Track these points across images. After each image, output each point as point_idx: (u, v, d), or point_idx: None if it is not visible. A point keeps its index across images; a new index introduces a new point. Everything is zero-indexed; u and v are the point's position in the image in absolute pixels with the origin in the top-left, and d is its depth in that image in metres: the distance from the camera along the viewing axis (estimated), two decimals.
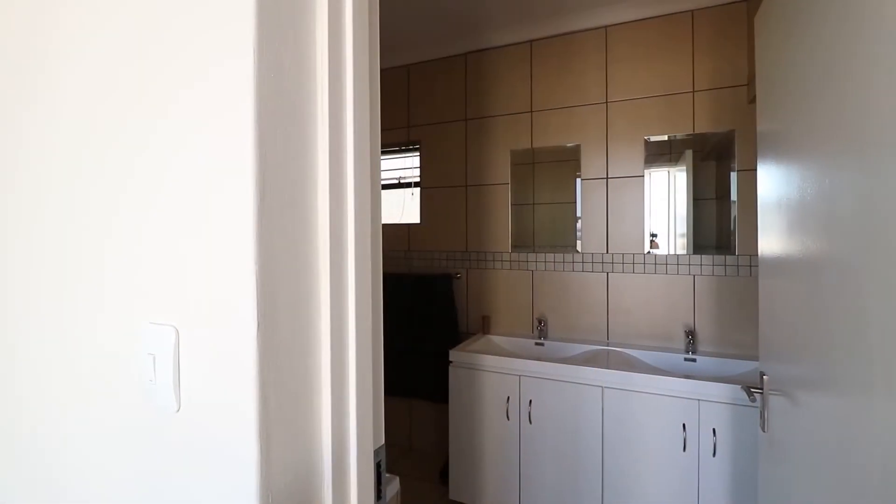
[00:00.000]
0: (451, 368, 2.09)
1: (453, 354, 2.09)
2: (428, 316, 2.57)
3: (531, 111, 2.37)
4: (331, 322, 0.63)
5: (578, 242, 2.28)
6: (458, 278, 2.55)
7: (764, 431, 1.11)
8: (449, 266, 2.59)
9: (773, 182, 1.08)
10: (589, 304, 2.25)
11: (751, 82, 1.94)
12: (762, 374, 1.11)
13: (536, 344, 2.26)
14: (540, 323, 2.29)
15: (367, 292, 0.68)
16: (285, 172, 0.58)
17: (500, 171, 2.44)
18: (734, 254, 2.01)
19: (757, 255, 1.99)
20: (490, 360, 1.99)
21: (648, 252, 2.14)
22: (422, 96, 2.66)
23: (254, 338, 0.53)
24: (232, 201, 0.55)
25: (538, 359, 2.00)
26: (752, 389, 1.10)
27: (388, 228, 2.79)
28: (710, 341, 2.04)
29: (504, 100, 2.43)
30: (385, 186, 2.96)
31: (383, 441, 0.75)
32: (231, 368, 0.55)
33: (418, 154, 2.69)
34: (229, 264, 0.55)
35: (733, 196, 2.02)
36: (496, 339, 2.36)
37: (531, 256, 2.37)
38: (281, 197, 0.57)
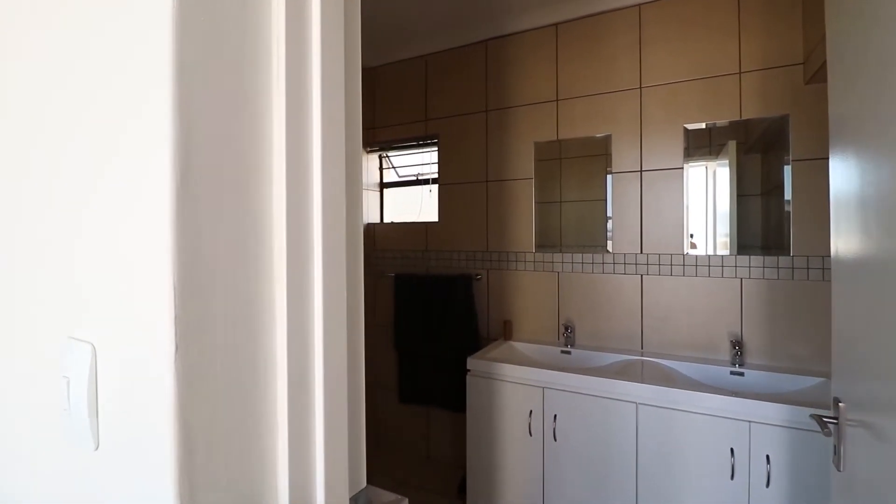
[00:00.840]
0: (468, 377, 1.94)
1: (471, 362, 1.94)
2: (446, 319, 2.43)
3: (556, 100, 2.19)
4: (288, 343, 0.49)
5: (609, 242, 2.08)
6: (479, 280, 2.40)
7: (840, 470, 0.91)
8: (468, 267, 2.44)
9: (851, 172, 0.88)
10: (621, 309, 2.05)
11: (808, 59, 1.71)
12: (837, 400, 0.92)
13: (563, 352, 2.08)
14: (566, 329, 2.11)
15: (340, 304, 0.55)
16: (225, 150, 0.45)
17: (524, 165, 2.27)
18: (788, 254, 1.78)
19: (816, 255, 1.78)
20: (510, 370, 1.83)
21: (688, 253, 1.93)
22: (440, 88, 2.52)
23: (171, 363, 0.40)
24: (145, 176, 0.42)
25: (564, 368, 1.83)
26: (826, 419, 0.91)
27: (405, 227, 2.67)
28: (759, 353, 1.82)
29: (527, 88, 2.27)
30: (402, 183, 2.84)
31: (364, 483, 0.61)
32: (148, 400, 0.43)
33: (436, 149, 2.56)
34: (143, 264, 0.43)
35: (787, 190, 1.79)
36: (519, 346, 2.19)
37: (557, 257, 2.19)
38: (217, 181, 0.44)
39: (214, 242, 0.44)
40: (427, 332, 2.50)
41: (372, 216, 2.82)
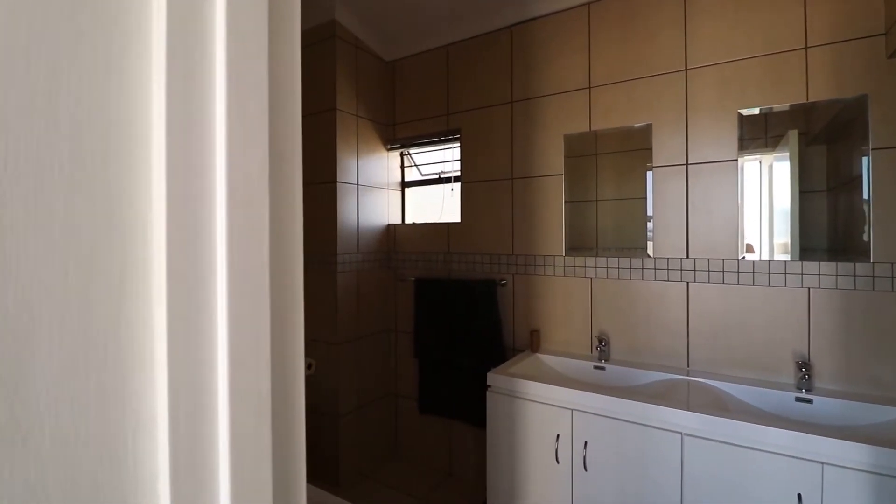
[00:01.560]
0: (489, 394, 1.77)
1: (492, 378, 1.76)
2: (469, 327, 2.27)
3: (589, 87, 1.98)
4: (169, 383, 0.35)
5: (650, 245, 1.86)
6: (503, 285, 2.22)
7: None
8: (492, 271, 2.27)
9: None
10: (663, 321, 1.82)
11: (891, 30, 1.43)
12: None
13: (596, 367, 1.87)
14: (600, 342, 1.90)
15: (259, 327, 0.40)
16: (53, 81, 0.31)
17: (552, 160, 2.08)
18: (867, 260, 1.50)
19: None
20: (535, 389, 1.64)
21: (743, 258, 1.68)
22: (462, 79, 2.36)
23: None
24: None
25: (597, 387, 1.62)
26: None
27: (425, 229, 2.52)
28: (831, 376, 1.55)
29: (556, 76, 2.07)
30: (423, 182, 2.69)
31: None
32: None
33: (459, 144, 2.40)
34: None
35: (865, 185, 1.51)
36: (546, 360, 1.99)
37: (590, 261, 1.98)
38: (36, 132, 0.30)
39: (31, 249, 0.29)
40: (449, 341, 2.34)
41: (393, 217, 2.69)
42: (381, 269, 2.61)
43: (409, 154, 2.71)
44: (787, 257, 1.62)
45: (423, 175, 2.69)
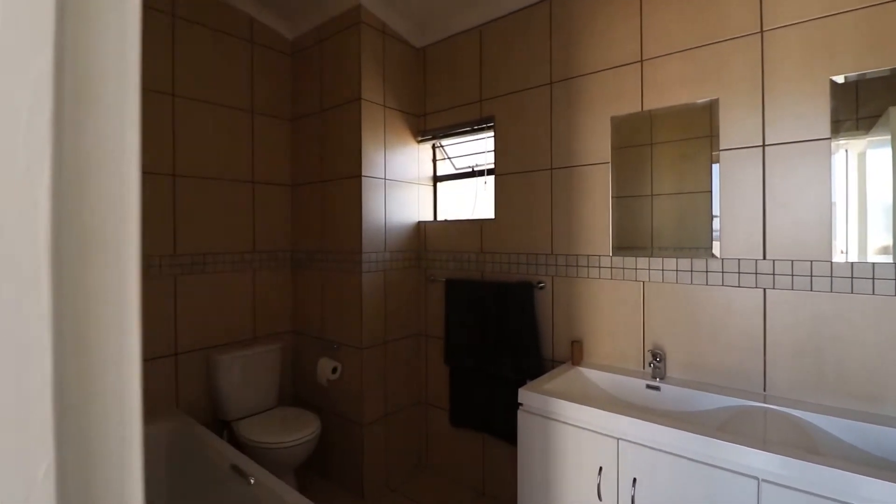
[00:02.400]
0: (520, 413, 1.55)
1: (524, 395, 1.55)
2: (503, 334, 2.06)
3: (640, 60, 1.71)
4: None
5: (716, 244, 1.56)
6: (541, 288, 1.99)
7: None
8: (529, 272, 2.04)
9: None
10: (733, 334, 1.53)
11: None
12: None
13: (649, 387, 1.61)
14: (654, 357, 1.63)
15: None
16: None
17: (597, 146, 1.82)
18: None
19: None
20: (575, 411, 1.41)
21: (837, 260, 1.36)
22: (496, 62, 2.15)
23: None
24: None
25: (650, 411, 1.37)
26: None
27: (457, 226, 2.33)
28: None
29: (602, 50, 1.81)
30: (455, 176, 2.50)
31: None
32: None
33: (493, 133, 2.19)
34: None
35: None
36: (590, 375, 1.75)
37: (642, 262, 1.71)
38: None
39: None
40: (482, 348, 2.15)
41: (423, 213, 2.52)
42: (411, 270, 2.46)
43: (442, 146, 2.53)
44: (888, 259, 1.28)
45: (456, 169, 2.50)
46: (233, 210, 2.35)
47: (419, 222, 2.50)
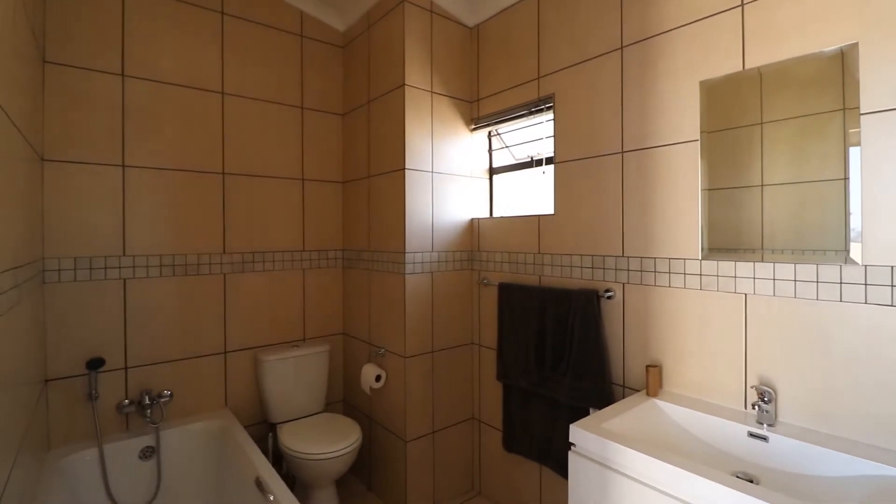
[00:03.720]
0: (571, 455, 1.25)
1: (577, 432, 1.24)
2: (563, 350, 1.75)
3: (741, 4, 1.30)
4: None
5: (854, 245, 1.12)
6: (610, 298, 1.64)
7: None
8: (595, 278, 1.70)
9: None
10: (881, 371, 1.08)
11: None
12: None
13: (752, 435, 1.21)
14: (761, 395, 1.22)
15: None
16: None
17: (681, 121, 1.44)
18: None
19: None
20: (644, 466, 1.08)
21: None
22: (557, 30, 1.83)
23: None
24: None
25: (753, 469, 0.99)
26: None
27: (512, 223, 2.05)
28: None
29: None
30: (510, 167, 2.22)
31: None
32: None
33: (552, 115, 1.87)
34: None
35: None
36: (669, 411, 1.38)
37: (744, 268, 1.30)
38: None
39: None
40: (538, 365, 1.85)
41: (477, 209, 2.28)
42: (463, 272, 2.22)
43: (499, 134, 2.26)
44: None
45: (516, 159, 2.22)
46: (282, 208, 2.30)
47: (472, 219, 2.25)
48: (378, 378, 2.14)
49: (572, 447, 1.25)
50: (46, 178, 1.70)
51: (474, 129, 2.22)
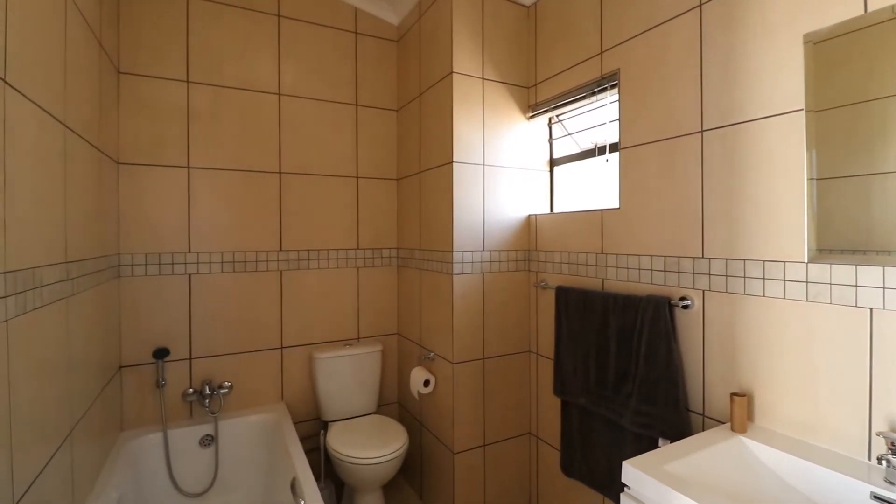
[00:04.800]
0: (623, 499, 1.03)
1: (630, 472, 1.01)
2: (628, 367, 1.50)
3: None
4: None
5: None
6: (686, 308, 1.37)
7: None
8: (668, 283, 1.44)
9: None
10: None
11: None
12: None
13: (877, 498, 0.90)
14: (892, 446, 0.90)
15: None
16: None
17: (779, 87, 1.13)
18: None
19: None
20: None
21: None
22: None
23: None
24: None
25: None
26: None
27: (571, 219, 1.83)
28: None
29: None
30: (570, 158, 2.00)
31: None
32: None
33: (616, 95, 1.62)
34: None
35: None
36: (760, 454, 1.09)
37: (869, 275, 0.98)
38: None
39: None
40: (599, 382, 1.62)
41: (536, 205, 2.08)
42: (518, 273, 2.04)
43: (560, 121, 2.05)
44: None
45: (580, 147, 1.98)
46: (337, 206, 2.30)
47: (529, 216, 2.06)
48: (426, 383, 2.04)
49: (626, 489, 1.03)
50: (122, 181, 1.84)
51: (532, 117, 2.03)
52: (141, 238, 1.88)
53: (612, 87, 1.63)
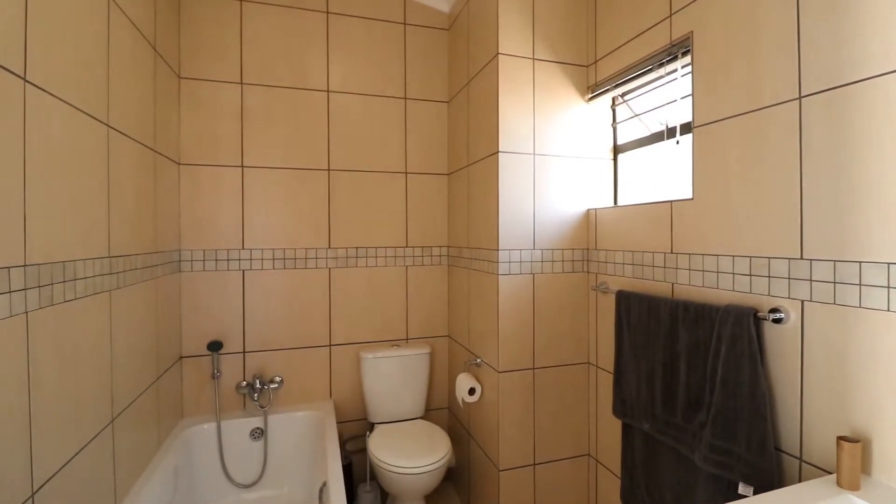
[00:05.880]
0: None
1: None
2: (702, 392, 1.24)
3: None
4: None
5: None
6: (777, 321, 1.08)
7: None
8: (754, 291, 1.16)
9: None
10: None
11: None
12: None
13: None
14: None
15: None
16: None
17: None
18: None
19: None
20: None
21: None
22: None
23: None
24: None
25: None
26: None
27: (635, 213, 1.58)
28: None
29: None
30: (639, 142, 1.74)
31: None
32: None
33: (689, 66, 1.35)
34: None
35: None
36: None
37: None
38: None
39: None
40: (666, 406, 1.37)
41: (599, 198, 1.84)
42: (574, 274, 1.82)
43: (625, 101, 1.79)
44: None
45: (649, 130, 1.72)
46: (385, 203, 2.25)
47: (588, 210, 1.83)
48: (472, 391, 1.90)
49: None
50: (182, 180, 1.94)
51: (591, 98, 1.80)
52: (200, 235, 1.97)
53: (685, 53, 1.37)
